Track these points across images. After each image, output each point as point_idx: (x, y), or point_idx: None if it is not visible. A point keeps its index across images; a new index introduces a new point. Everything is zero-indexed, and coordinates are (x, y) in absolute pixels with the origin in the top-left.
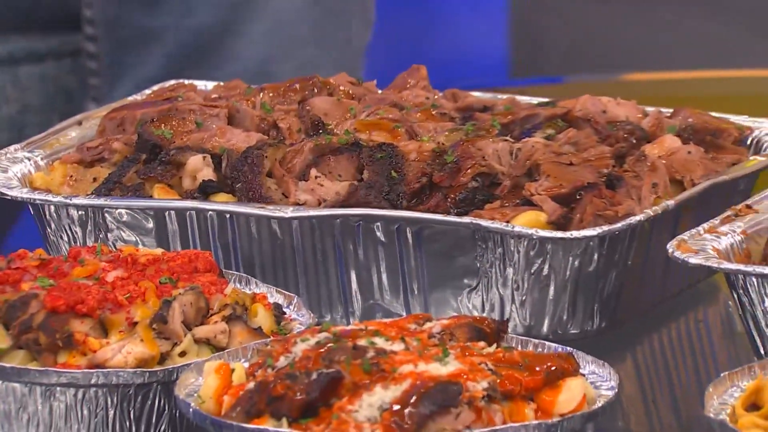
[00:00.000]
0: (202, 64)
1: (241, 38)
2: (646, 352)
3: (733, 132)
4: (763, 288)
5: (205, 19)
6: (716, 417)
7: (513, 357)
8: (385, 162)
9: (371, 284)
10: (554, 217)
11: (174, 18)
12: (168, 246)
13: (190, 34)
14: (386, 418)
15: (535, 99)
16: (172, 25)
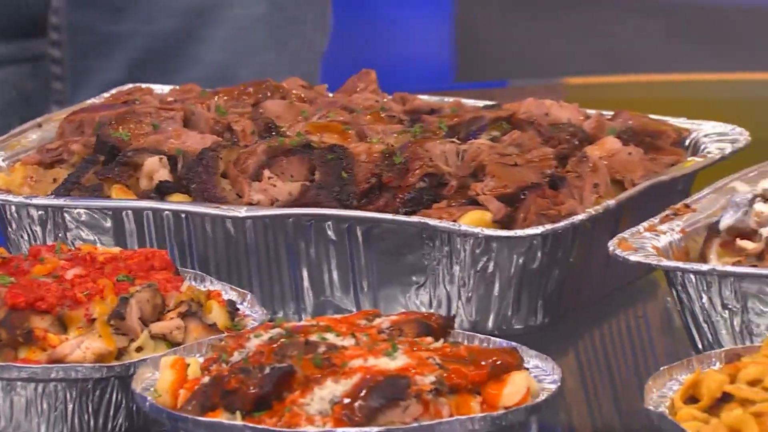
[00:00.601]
0: (164, 69)
1: (202, 44)
2: (587, 346)
3: (671, 134)
4: (701, 284)
5: (167, 25)
6: (656, 409)
7: (459, 352)
8: (335, 163)
9: (322, 281)
10: (499, 216)
11: (137, 24)
12: (125, 245)
13: (152, 39)
14: (337, 411)
15: (481, 102)
16: (134, 31)
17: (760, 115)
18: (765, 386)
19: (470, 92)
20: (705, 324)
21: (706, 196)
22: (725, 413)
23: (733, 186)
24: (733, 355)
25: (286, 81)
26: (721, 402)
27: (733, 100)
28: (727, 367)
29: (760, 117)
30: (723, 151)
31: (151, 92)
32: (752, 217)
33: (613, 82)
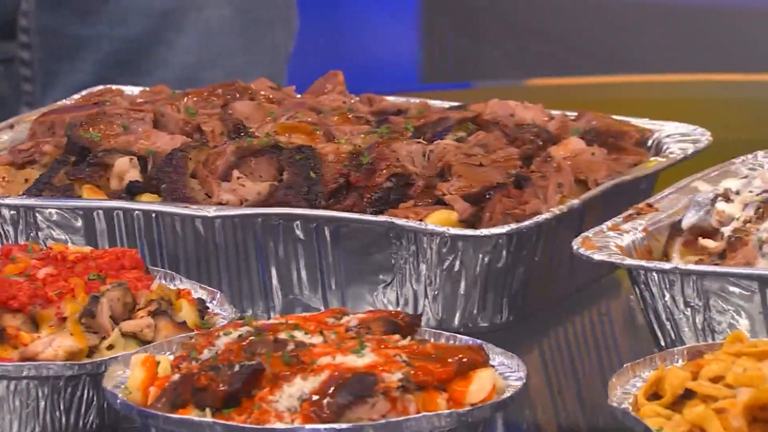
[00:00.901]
0: (134, 71)
1: (171, 46)
2: (552, 344)
3: (634, 134)
4: (664, 283)
5: (137, 28)
6: (619, 406)
7: (426, 349)
8: (303, 163)
9: (291, 280)
10: (465, 215)
11: (107, 27)
12: (96, 244)
13: (122, 42)
14: (305, 408)
15: (446, 103)
16: (104, 34)
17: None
18: (727, 383)
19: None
20: (668, 322)
21: (668, 196)
22: (688, 409)
23: (695, 186)
24: (696, 352)
25: (255, 82)
26: (684, 398)
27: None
28: (690, 364)
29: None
30: (685, 151)
31: (121, 94)
32: (714, 217)
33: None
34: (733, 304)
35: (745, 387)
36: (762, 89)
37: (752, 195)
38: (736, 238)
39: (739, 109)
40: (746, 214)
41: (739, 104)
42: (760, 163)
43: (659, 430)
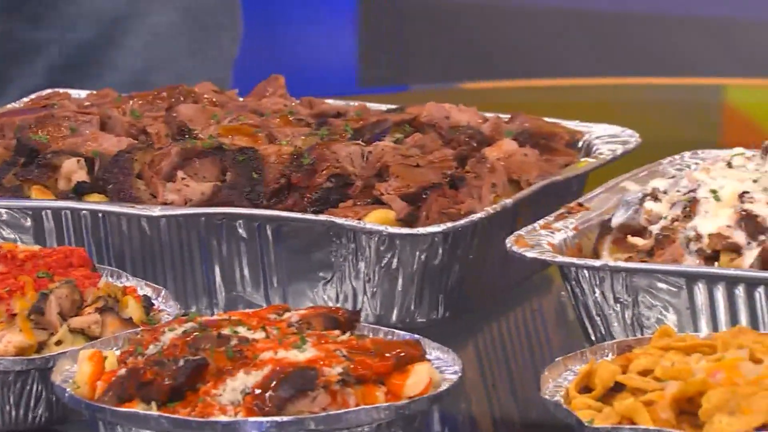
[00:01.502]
0: (84, 75)
1: (120, 51)
2: (486, 339)
3: (565, 136)
4: (594, 279)
5: (87, 33)
6: (551, 399)
7: (365, 344)
8: (246, 164)
9: (234, 278)
10: (402, 214)
11: (57, 32)
12: (45, 243)
13: (72, 47)
14: (248, 401)
15: (384, 106)
16: (55, 38)
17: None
18: (655, 376)
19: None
20: (598, 317)
21: (598, 195)
22: (617, 402)
23: (624, 185)
24: (625, 346)
25: (198, 86)
26: (614, 391)
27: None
28: (619, 358)
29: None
30: (614, 152)
31: (69, 97)
32: (642, 215)
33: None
34: (661, 300)
35: (672, 380)
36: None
37: (679, 194)
38: (663, 236)
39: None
40: (673, 213)
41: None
42: (687, 164)
43: (590, 421)
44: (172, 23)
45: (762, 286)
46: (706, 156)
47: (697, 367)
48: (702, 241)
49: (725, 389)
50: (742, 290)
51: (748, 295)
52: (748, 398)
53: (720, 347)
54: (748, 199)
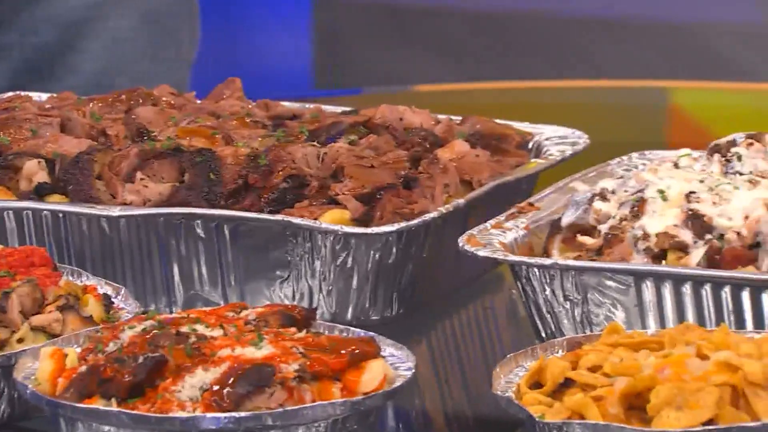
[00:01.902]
0: (45, 78)
1: (81, 54)
2: (439, 336)
3: (515, 137)
4: (544, 278)
5: (48, 37)
6: (503, 394)
7: (321, 341)
8: (204, 165)
9: (192, 276)
10: (357, 214)
11: (19, 36)
12: (6, 243)
13: (34, 50)
14: (206, 398)
15: (339, 108)
16: (17, 42)
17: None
18: (604, 372)
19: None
20: (548, 314)
21: (548, 195)
22: (567, 397)
23: (574, 186)
24: (575, 343)
25: (157, 88)
26: (564, 387)
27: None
28: (569, 354)
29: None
30: (564, 153)
31: (30, 100)
32: (591, 215)
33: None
34: (610, 298)
35: (621, 376)
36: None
37: (627, 194)
38: (612, 235)
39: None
40: (622, 213)
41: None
42: (635, 164)
43: (541, 416)
44: (131, 27)
45: (708, 284)
46: (653, 157)
47: (645, 363)
48: (650, 240)
49: (673, 385)
50: (689, 288)
51: (694, 292)
52: (695, 394)
53: (667, 344)
54: (694, 199)
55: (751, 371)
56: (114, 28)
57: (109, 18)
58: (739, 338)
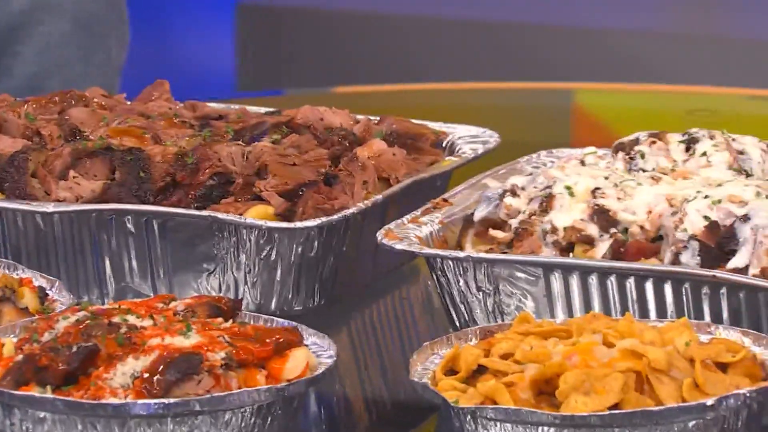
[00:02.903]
0: None
1: (15, 58)
2: (359, 325)
3: (430, 136)
4: (458, 269)
5: None
6: (419, 381)
7: (246, 331)
8: (134, 164)
9: (123, 269)
10: (280, 210)
11: None
12: None
13: None
14: (137, 385)
15: (262, 109)
16: None
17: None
18: (515, 359)
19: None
20: (462, 304)
21: (461, 192)
22: (481, 383)
23: (485, 182)
24: (487, 332)
25: (89, 90)
26: (477, 373)
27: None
28: (482, 342)
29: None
30: (476, 151)
31: None
32: (502, 210)
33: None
34: (520, 288)
35: (532, 363)
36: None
37: (536, 190)
38: (522, 229)
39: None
40: (531, 208)
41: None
42: (543, 162)
43: (455, 402)
44: (64, 32)
45: (613, 275)
46: (560, 155)
47: (554, 350)
48: (558, 234)
49: (580, 371)
50: (595, 279)
51: (600, 283)
52: (602, 379)
53: (575, 332)
54: (600, 195)
55: (654, 358)
56: (47, 33)
57: (42, 23)
58: (643, 327)
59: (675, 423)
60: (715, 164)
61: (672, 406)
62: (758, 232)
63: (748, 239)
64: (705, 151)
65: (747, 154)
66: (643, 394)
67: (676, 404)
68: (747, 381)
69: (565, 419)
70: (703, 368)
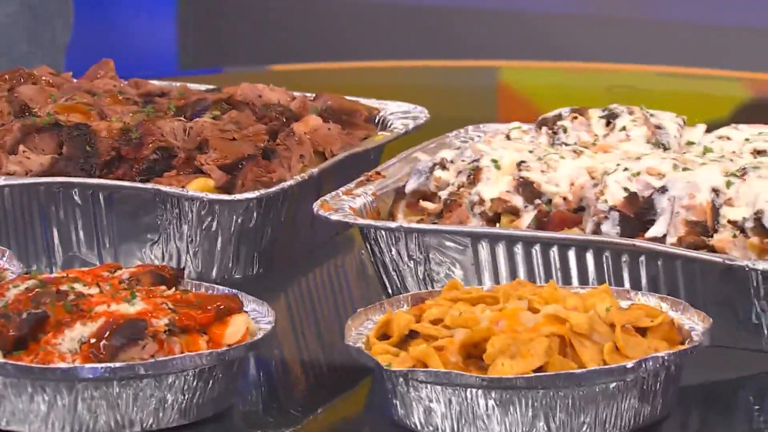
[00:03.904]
0: None
1: None
2: (296, 292)
3: (363, 112)
4: (390, 239)
5: None
6: (354, 345)
7: (188, 298)
8: (80, 139)
9: (70, 240)
10: (221, 183)
11: None
12: None
13: None
14: (84, 350)
15: (203, 86)
16: None
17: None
18: (445, 324)
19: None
20: (394, 272)
21: (393, 165)
22: (412, 347)
23: (416, 156)
24: (418, 298)
25: (37, 69)
26: (409, 338)
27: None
28: (413, 308)
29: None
30: (407, 126)
31: None
32: (432, 182)
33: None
34: (449, 257)
35: (460, 328)
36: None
37: (464, 164)
38: (451, 201)
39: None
40: (459, 180)
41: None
42: (471, 137)
43: (388, 365)
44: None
45: (538, 244)
46: (487, 129)
47: (482, 316)
48: (485, 205)
49: (507, 336)
50: (520, 248)
51: (525, 252)
52: (527, 343)
53: (502, 298)
54: (524, 168)
55: (577, 323)
56: None
57: None
58: (566, 293)
59: (596, 385)
60: (634, 138)
61: (594, 368)
62: (675, 203)
63: (666, 209)
64: (624, 126)
65: (664, 129)
66: (566, 358)
67: (598, 367)
68: (665, 344)
69: (492, 381)
70: (623, 332)
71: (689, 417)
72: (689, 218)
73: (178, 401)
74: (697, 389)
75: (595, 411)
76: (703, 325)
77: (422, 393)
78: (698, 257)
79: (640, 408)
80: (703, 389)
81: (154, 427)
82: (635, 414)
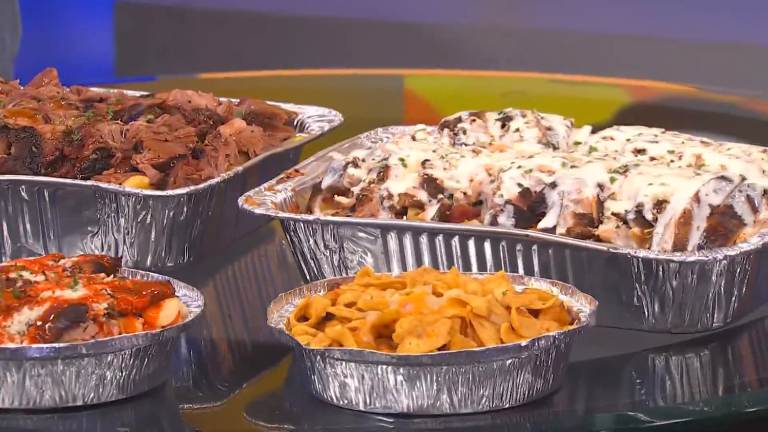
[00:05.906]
0: None
1: None
2: (223, 279)
3: (283, 116)
4: (308, 230)
5: None
6: (276, 326)
7: (126, 284)
8: (27, 140)
9: (18, 232)
10: (154, 180)
11: None
12: None
13: None
14: (32, 332)
15: (138, 92)
16: None
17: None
18: (358, 307)
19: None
20: (312, 261)
21: (311, 163)
22: (329, 328)
23: (331, 155)
24: (334, 284)
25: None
26: (326, 320)
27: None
28: (330, 293)
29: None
30: (323, 128)
31: None
32: (346, 179)
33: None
34: (362, 247)
35: (372, 310)
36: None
37: (375, 162)
38: (363, 196)
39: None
40: (370, 177)
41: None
42: (380, 137)
43: (307, 344)
44: None
45: (441, 235)
46: (394, 131)
47: (391, 300)
48: (393, 199)
49: (414, 317)
50: (425, 238)
51: (430, 242)
52: (432, 324)
53: (409, 284)
54: (429, 166)
55: (476, 306)
56: None
57: None
58: (467, 279)
59: (494, 361)
60: (527, 139)
61: (492, 347)
62: (564, 197)
63: (556, 203)
64: (518, 128)
65: (554, 130)
66: (467, 337)
67: (496, 345)
68: (556, 325)
69: (400, 359)
70: (518, 314)
71: (578, 390)
72: (577, 211)
73: (116, 378)
74: (585, 365)
75: (493, 385)
76: (590, 307)
77: (338, 369)
78: (585, 246)
79: (533, 382)
80: (590, 365)
81: (95, 401)
82: (529, 388)
